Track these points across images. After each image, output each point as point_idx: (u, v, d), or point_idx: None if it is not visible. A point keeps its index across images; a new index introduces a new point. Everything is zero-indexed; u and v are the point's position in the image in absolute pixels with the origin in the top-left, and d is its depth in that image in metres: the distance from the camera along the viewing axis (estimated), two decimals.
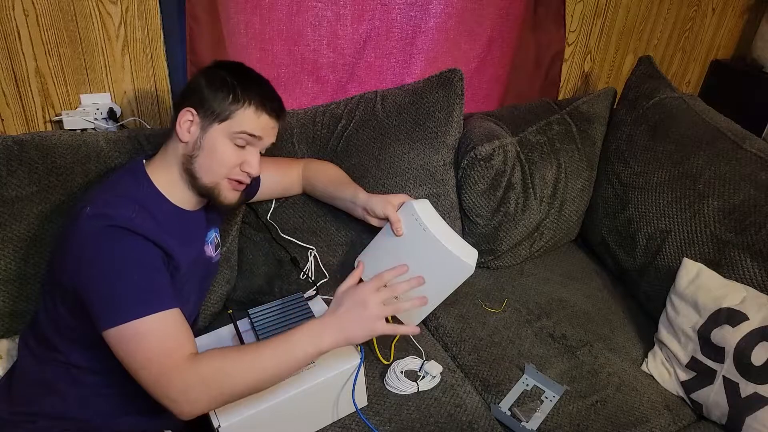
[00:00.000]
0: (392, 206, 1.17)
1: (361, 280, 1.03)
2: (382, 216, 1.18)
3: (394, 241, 1.16)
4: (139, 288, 0.88)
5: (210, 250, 1.14)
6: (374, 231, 1.23)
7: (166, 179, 1.01)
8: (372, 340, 1.22)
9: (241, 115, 0.99)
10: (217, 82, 1.00)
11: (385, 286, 0.97)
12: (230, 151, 1.01)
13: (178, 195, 1.03)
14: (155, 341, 0.85)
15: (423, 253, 1.11)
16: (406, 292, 0.97)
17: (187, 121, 0.99)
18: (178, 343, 0.87)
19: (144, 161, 1.03)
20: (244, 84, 1.00)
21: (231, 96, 0.99)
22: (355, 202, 1.24)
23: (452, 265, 1.11)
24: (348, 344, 0.94)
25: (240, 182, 1.05)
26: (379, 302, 0.93)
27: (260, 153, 1.07)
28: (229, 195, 1.05)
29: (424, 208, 1.14)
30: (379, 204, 1.18)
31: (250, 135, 1.00)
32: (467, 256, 1.12)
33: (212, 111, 0.99)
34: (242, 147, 1.01)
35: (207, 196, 1.04)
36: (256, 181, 1.25)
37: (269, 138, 1.05)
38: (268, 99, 1.02)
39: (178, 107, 1.02)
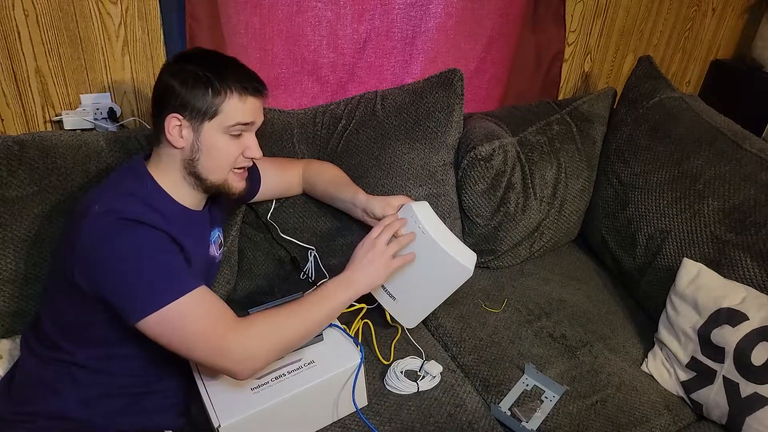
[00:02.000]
0: (392, 208, 1.17)
1: None
2: (381, 218, 1.18)
3: None
4: (166, 271, 0.89)
5: (214, 250, 1.15)
6: None
7: (169, 179, 1.01)
8: (372, 340, 1.22)
9: (228, 107, 0.96)
10: (190, 80, 0.95)
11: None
12: (230, 144, 1.00)
13: (183, 195, 1.02)
14: (200, 315, 0.87)
15: (422, 255, 1.11)
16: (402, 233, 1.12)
17: (176, 126, 0.96)
18: (220, 311, 0.90)
19: (144, 161, 1.02)
20: (217, 72, 0.96)
21: (210, 90, 0.95)
22: (354, 203, 1.24)
23: (451, 268, 1.11)
24: (373, 288, 1.06)
25: (244, 169, 1.06)
26: (385, 242, 1.07)
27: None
28: (239, 185, 1.06)
29: (423, 211, 1.14)
30: (378, 205, 1.18)
31: (244, 124, 0.99)
32: (466, 259, 1.12)
33: (197, 110, 0.95)
34: (238, 135, 1.00)
35: (217, 192, 1.04)
36: (256, 181, 1.25)
37: (260, 118, 1.04)
38: (246, 80, 0.99)
39: (158, 115, 0.98)
